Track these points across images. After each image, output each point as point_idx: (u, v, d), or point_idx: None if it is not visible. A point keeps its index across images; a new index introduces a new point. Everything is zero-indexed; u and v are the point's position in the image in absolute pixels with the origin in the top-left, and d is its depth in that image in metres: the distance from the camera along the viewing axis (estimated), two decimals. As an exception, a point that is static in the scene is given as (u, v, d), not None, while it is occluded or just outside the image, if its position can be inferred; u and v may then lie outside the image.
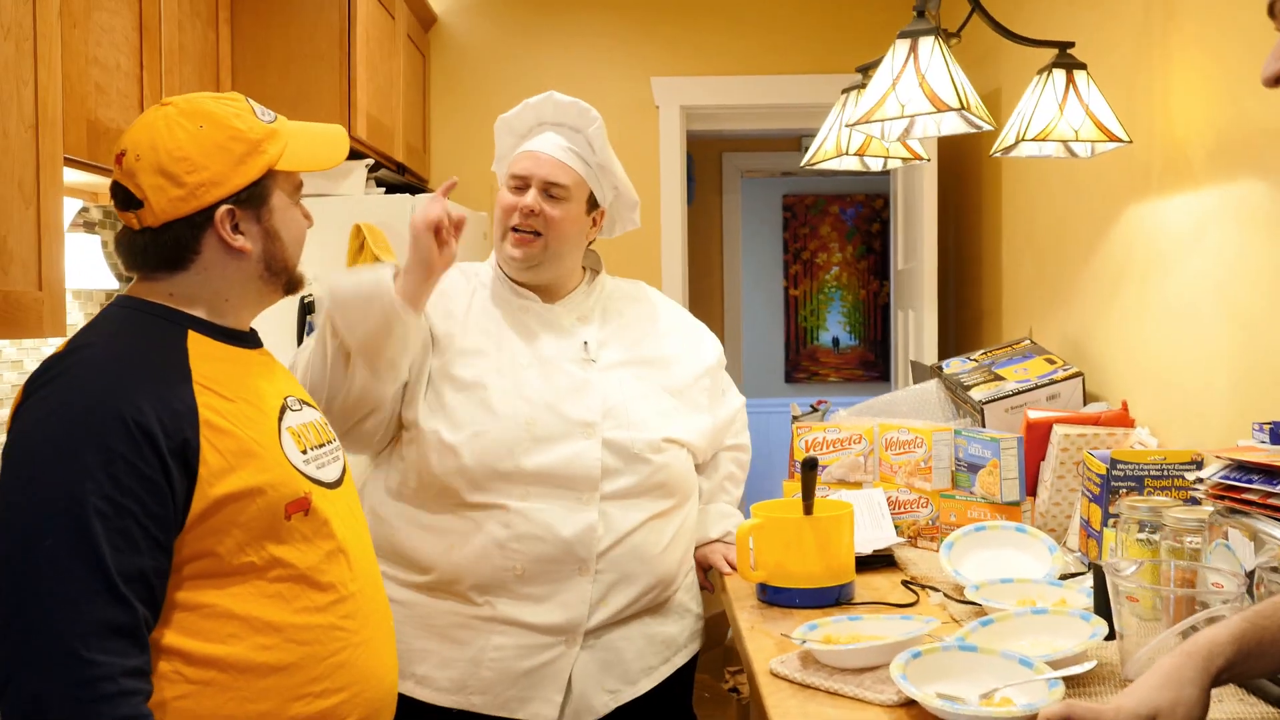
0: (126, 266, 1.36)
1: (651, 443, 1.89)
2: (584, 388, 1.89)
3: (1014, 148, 2.04)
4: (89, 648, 1.12)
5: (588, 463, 1.83)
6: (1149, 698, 1.11)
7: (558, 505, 1.81)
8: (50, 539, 1.13)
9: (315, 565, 1.29)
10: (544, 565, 1.80)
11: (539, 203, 1.90)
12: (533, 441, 1.81)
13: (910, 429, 2.26)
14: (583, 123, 1.95)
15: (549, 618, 1.81)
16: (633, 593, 1.87)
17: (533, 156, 1.92)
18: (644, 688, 1.91)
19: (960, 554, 1.93)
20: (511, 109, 1.99)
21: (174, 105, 1.32)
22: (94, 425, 1.17)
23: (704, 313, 5.56)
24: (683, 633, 2.00)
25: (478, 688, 1.80)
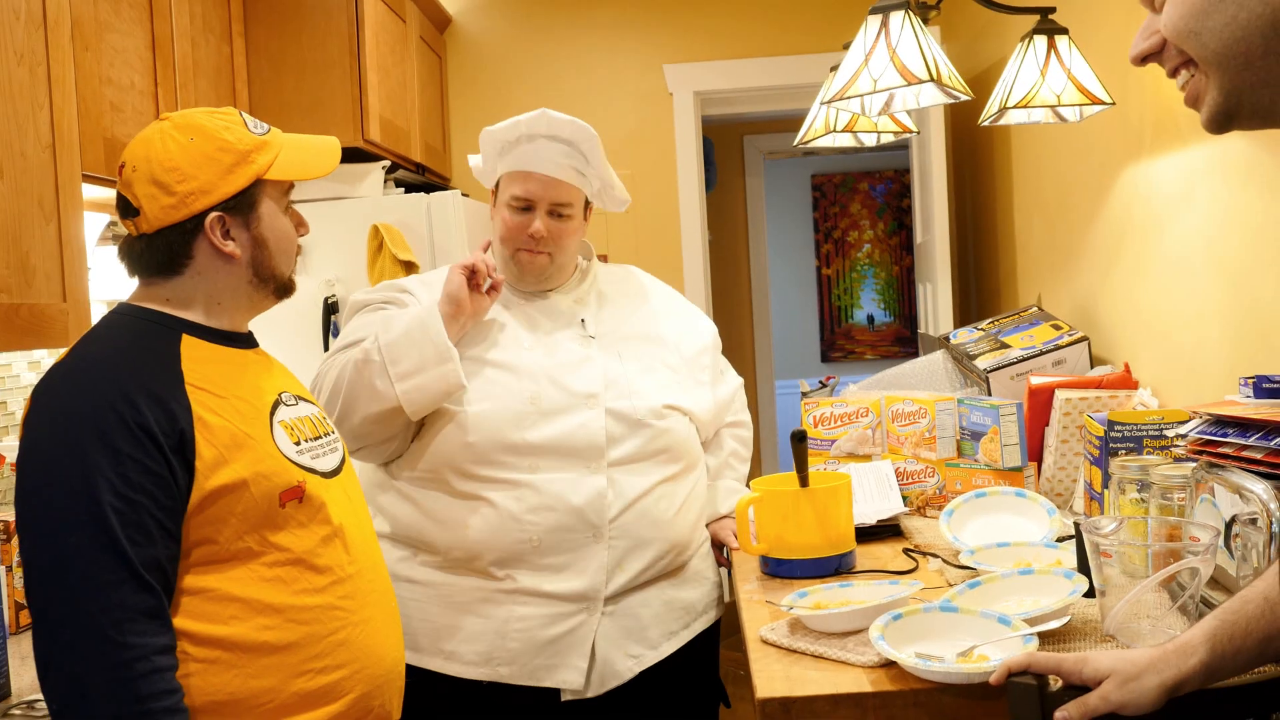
0: (129, 272, 1.43)
1: (653, 409, 1.95)
2: (584, 363, 1.94)
3: (1000, 116, 2.05)
4: (121, 631, 1.20)
5: (592, 431, 1.88)
6: (1117, 662, 1.12)
7: (566, 475, 1.86)
8: (74, 536, 1.21)
9: (312, 549, 1.36)
10: (559, 535, 1.85)
11: (547, 225, 1.95)
12: (539, 415, 1.87)
13: (915, 400, 2.27)
14: (579, 137, 1.97)
15: (569, 586, 1.86)
16: (648, 557, 1.92)
17: (535, 179, 1.94)
18: (665, 651, 1.96)
19: (960, 520, 1.94)
20: (501, 123, 1.99)
21: (169, 120, 1.40)
22: (100, 428, 1.24)
23: (732, 296, 5.61)
24: (701, 599, 2.04)
25: (504, 659, 1.85)
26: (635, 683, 1.92)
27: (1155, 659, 1.11)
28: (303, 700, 1.32)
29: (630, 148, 3.93)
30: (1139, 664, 1.11)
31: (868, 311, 7.30)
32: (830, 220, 7.31)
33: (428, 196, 3.05)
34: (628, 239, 4.03)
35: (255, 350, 1.48)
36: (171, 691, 1.23)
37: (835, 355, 7.35)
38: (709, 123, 5.02)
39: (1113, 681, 1.11)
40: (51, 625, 1.21)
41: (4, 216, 1.80)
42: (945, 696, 1.31)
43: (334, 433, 1.51)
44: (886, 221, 7.27)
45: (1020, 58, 2.02)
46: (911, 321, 7.21)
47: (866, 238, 7.28)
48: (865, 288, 7.30)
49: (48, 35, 1.94)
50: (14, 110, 1.84)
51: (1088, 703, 1.11)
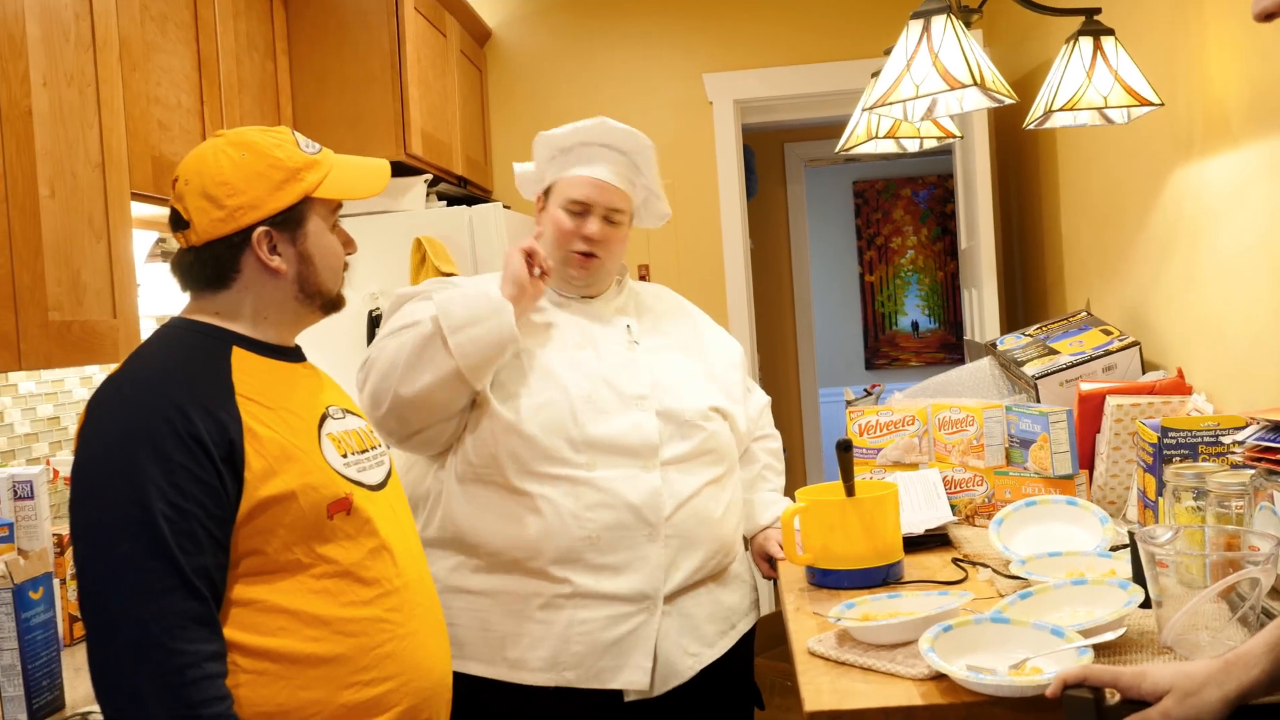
0: (180, 285, 1.46)
1: (700, 411, 1.97)
2: (632, 365, 1.97)
3: (1045, 119, 2.02)
4: (173, 638, 1.22)
5: (647, 430, 1.90)
6: (1177, 677, 1.10)
7: (622, 472, 1.87)
8: (126, 544, 1.23)
9: (359, 561, 1.36)
10: (617, 532, 1.86)
11: (603, 230, 1.97)
12: (596, 412, 1.88)
13: (961, 408, 2.25)
14: (634, 148, 2.01)
15: (628, 586, 1.86)
16: (699, 557, 1.94)
17: (594, 184, 1.97)
18: (721, 649, 1.97)
19: (1011, 530, 1.92)
20: (559, 128, 2.02)
21: (224, 137, 1.42)
22: (152, 438, 1.26)
23: (774, 304, 5.59)
24: (743, 601, 2.06)
25: (569, 663, 1.85)
26: (690, 682, 1.93)
27: (1215, 671, 1.09)
28: (350, 712, 1.33)
29: (671, 157, 3.93)
30: (1198, 678, 1.08)
31: (912, 318, 7.24)
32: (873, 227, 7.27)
33: (469, 209, 3.07)
34: (669, 248, 4.03)
35: (304, 364, 1.50)
36: (222, 698, 1.24)
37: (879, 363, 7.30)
38: (749, 131, 5.01)
39: (1173, 697, 1.08)
40: (104, 632, 1.23)
41: (55, 235, 1.83)
42: (997, 710, 1.29)
43: (380, 446, 1.52)
44: (930, 227, 7.21)
45: (1065, 59, 1.99)
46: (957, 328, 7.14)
47: (910, 244, 7.23)
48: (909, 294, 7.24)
49: (96, 56, 1.98)
50: (64, 130, 1.87)
51: (1148, 718, 1.09)
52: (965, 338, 3.83)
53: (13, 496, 1.90)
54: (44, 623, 1.61)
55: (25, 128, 1.76)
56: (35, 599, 1.61)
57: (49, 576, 1.65)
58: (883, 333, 7.30)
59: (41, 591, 1.62)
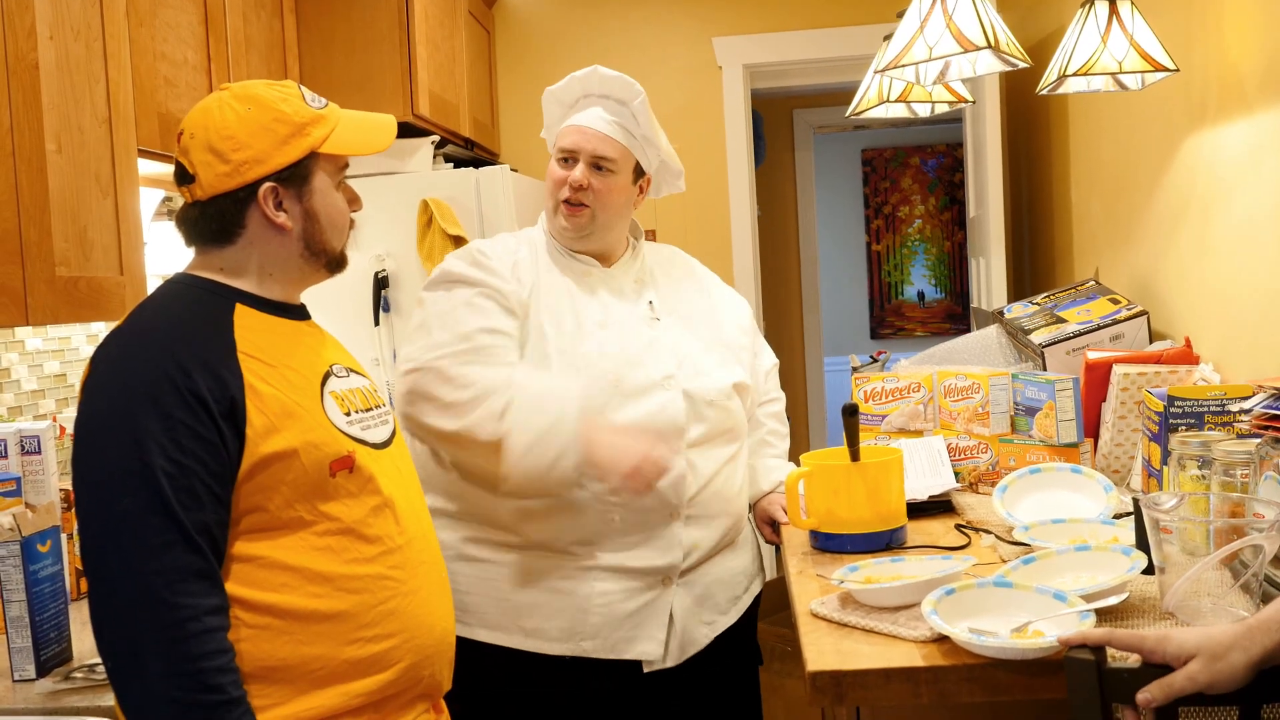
0: (185, 240, 1.44)
1: (723, 389, 1.97)
2: (655, 344, 1.95)
3: (1059, 84, 2.00)
4: (174, 591, 1.22)
5: (673, 413, 1.89)
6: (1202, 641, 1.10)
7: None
8: (126, 499, 1.23)
9: (362, 519, 1.36)
10: (640, 515, 1.87)
11: (587, 176, 1.95)
12: (622, 397, 1.87)
13: (967, 375, 2.24)
14: (627, 96, 1.98)
15: (649, 562, 1.88)
16: (718, 532, 1.95)
17: (579, 130, 1.96)
18: (734, 616, 2.00)
19: (1015, 497, 1.92)
20: (558, 82, 2.03)
21: (229, 90, 1.41)
22: (153, 394, 1.26)
23: (780, 272, 5.57)
24: (751, 563, 2.08)
25: (587, 633, 1.86)
26: (705, 650, 1.95)
27: (1239, 636, 1.09)
28: (353, 667, 1.33)
29: (679, 122, 3.90)
30: (1224, 641, 1.08)
31: (918, 288, 7.22)
32: (881, 195, 7.23)
33: (476, 171, 3.05)
34: (675, 214, 4.00)
35: (307, 322, 1.49)
36: (223, 651, 1.24)
37: (885, 332, 7.28)
38: (758, 96, 4.97)
39: (1199, 661, 1.08)
40: (105, 586, 1.23)
41: (63, 191, 1.82)
42: (999, 672, 1.29)
43: (385, 406, 1.52)
44: (938, 196, 7.17)
45: (1081, 24, 1.97)
46: (963, 298, 7.11)
47: (918, 213, 7.19)
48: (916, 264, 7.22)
49: (103, 9, 1.96)
50: (71, 85, 1.86)
51: (1173, 684, 1.08)
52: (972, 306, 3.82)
53: (20, 451, 1.90)
54: (51, 575, 1.62)
55: (31, 81, 1.74)
56: (43, 552, 1.62)
57: (56, 530, 1.66)
58: (888, 302, 7.28)
59: (49, 545, 1.63)
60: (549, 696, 1.89)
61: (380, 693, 1.35)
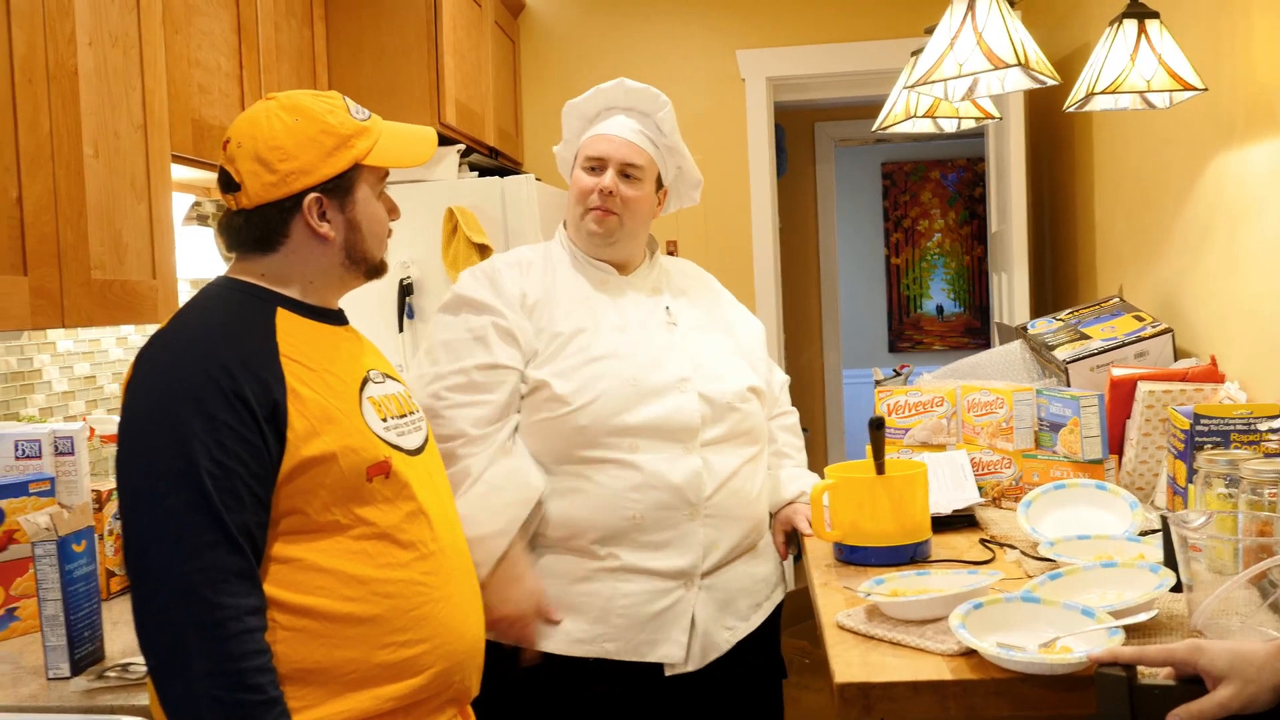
0: (227, 246, 1.47)
1: (738, 393, 1.99)
2: (673, 348, 1.99)
3: (1086, 101, 2.01)
4: (216, 591, 1.24)
5: (688, 414, 1.92)
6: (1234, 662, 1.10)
7: (665, 455, 1.90)
8: (171, 498, 1.25)
9: (397, 524, 1.38)
10: (660, 512, 1.89)
11: (616, 184, 1.98)
12: (638, 397, 1.90)
13: (991, 390, 2.25)
14: (652, 107, 2.03)
15: (670, 563, 1.89)
16: (737, 534, 1.97)
17: (608, 139, 2.00)
18: (756, 622, 2.01)
19: (1039, 512, 1.92)
20: (581, 95, 2.05)
21: (276, 100, 1.43)
22: (198, 395, 1.28)
23: (800, 285, 5.58)
24: (773, 573, 2.09)
25: (610, 635, 1.88)
26: (726, 656, 1.96)
27: (1271, 657, 1.09)
28: (385, 672, 1.35)
29: (702, 133, 3.92)
30: (1256, 663, 1.08)
31: (937, 301, 7.22)
32: (900, 209, 7.23)
33: (501, 180, 3.07)
34: (697, 225, 4.02)
35: (346, 327, 1.51)
36: (262, 651, 1.26)
37: (903, 345, 7.28)
38: (781, 109, 4.99)
39: (1232, 686, 1.08)
40: (148, 585, 1.25)
41: (99, 194, 1.85)
42: (1026, 686, 1.30)
43: (418, 412, 1.54)
44: (958, 210, 7.17)
45: (1109, 42, 1.98)
46: (981, 312, 7.11)
47: (937, 227, 7.19)
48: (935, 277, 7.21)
49: (140, 17, 1.99)
50: (109, 91, 1.89)
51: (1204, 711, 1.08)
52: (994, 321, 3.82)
53: (54, 452, 1.92)
54: (85, 575, 1.64)
55: (71, 87, 1.77)
56: (78, 552, 1.64)
57: (90, 530, 1.68)
58: (907, 315, 7.28)
59: (84, 545, 1.65)
60: (571, 698, 1.90)
61: (411, 697, 1.37)
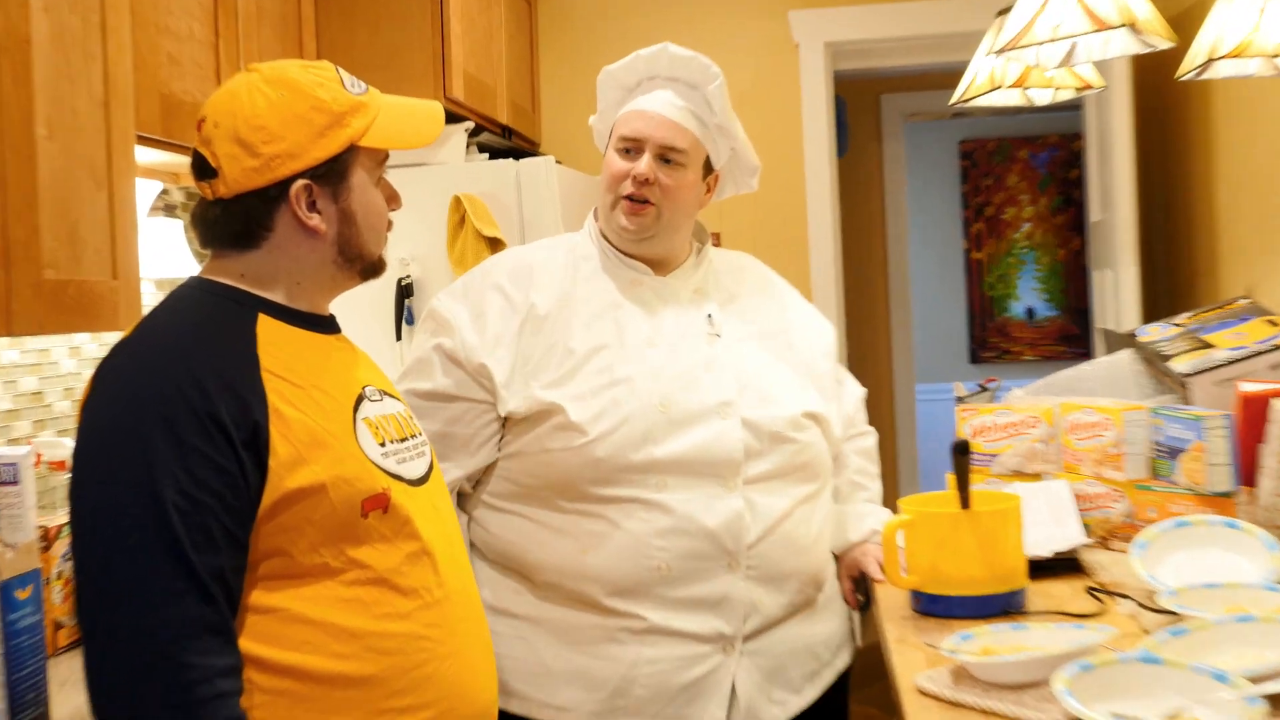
0: (201, 242, 1.47)
1: (793, 419, 1.95)
2: (714, 364, 1.95)
3: (1205, 68, 1.98)
4: (183, 649, 1.23)
5: (729, 445, 1.89)
6: None
7: (699, 494, 1.87)
8: (133, 536, 1.25)
9: (396, 568, 1.37)
10: (691, 562, 1.86)
11: (654, 170, 1.95)
12: (668, 425, 1.88)
13: (1096, 408, 2.23)
14: (702, 79, 1.99)
15: (704, 624, 1.87)
16: (789, 590, 1.94)
17: (645, 116, 1.97)
18: (810, 696, 1.97)
19: (1157, 555, 1.89)
20: (619, 60, 2.03)
21: (258, 72, 1.44)
22: (166, 416, 1.28)
23: (864, 284, 5.56)
24: (836, 633, 2.06)
25: (631, 708, 1.86)
26: None
27: None
28: (382, 742, 1.34)
29: (749, 108, 3.89)
30: None
31: (1026, 303, 7.17)
32: (982, 194, 7.20)
33: (516, 163, 3.08)
34: (745, 214, 4.01)
35: (337, 336, 1.51)
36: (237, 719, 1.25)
37: (986, 355, 7.24)
38: (841, 79, 4.96)
39: None
40: (103, 639, 1.25)
41: (53, 182, 1.86)
42: (1147, 766, 1.27)
43: (421, 435, 1.53)
44: (1050, 196, 7.12)
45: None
46: (1079, 316, 7.06)
47: (1026, 215, 7.15)
48: (1024, 275, 7.17)
49: (101, -23, 2.01)
50: (66, 61, 1.90)
51: None
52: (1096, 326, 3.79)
53: (-3, 481, 1.93)
54: (31, 626, 1.64)
55: (23, 57, 1.79)
56: (22, 599, 1.64)
57: (37, 574, 1.68)
58: (991, 320, 7.24)
59: (29, 591, 1.65)
60: None
61: (412, 772, 1.36)
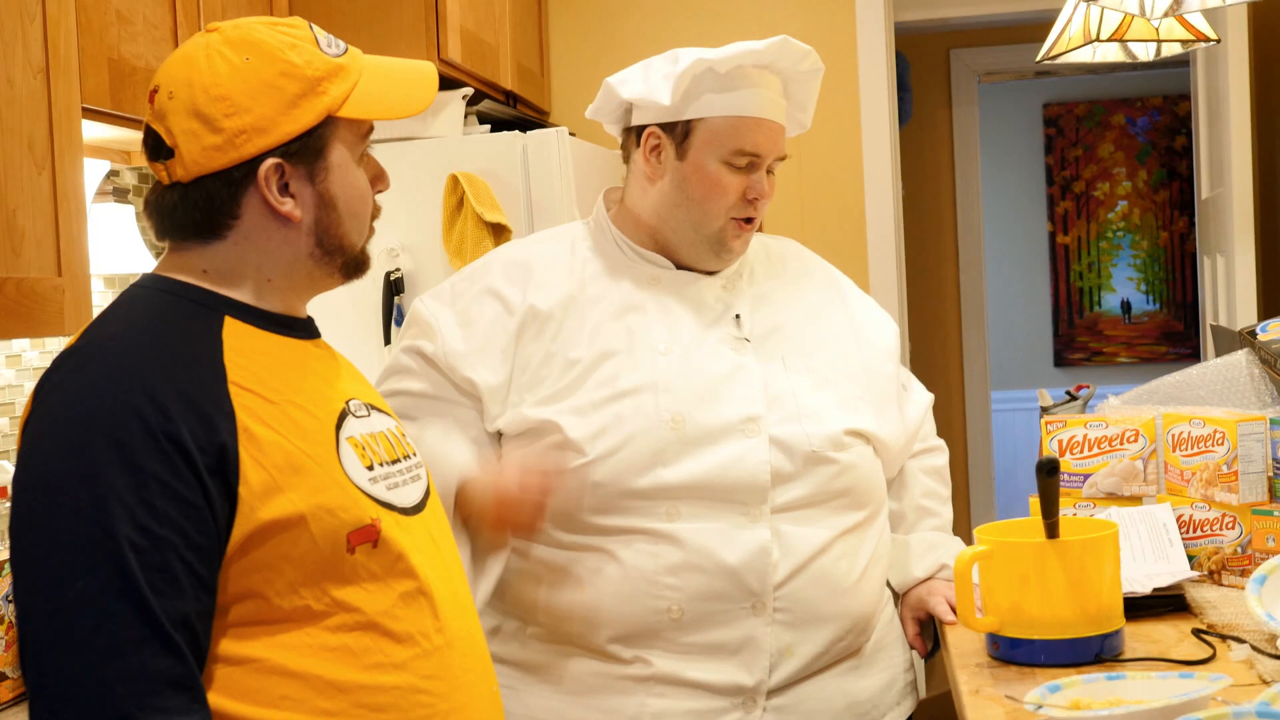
0: (156, 233, 1.49)
1: (832, 437, 1.96)
2: (740, 373, 1.96)
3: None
4: (143, 707, 1.24)
5: (753, 466, 1.90)
6: None
7: (717, 524, 1.88)
8: (82, 580, 1.26)
9: (388, 610, 1.39)
10: (707, 604, 1.87)
11: (766, 184, 2.01)
12: (681, 445, 1.89)
13: (1207, 420, 2.23)
14: (805, 71, 2.06)
15: (722, 675, 1.88)
16: (825, 637, 1.94)
17: (765, 127, 2.00)
18: None
19: (1277, 591, 1.89)
20: (720, 50, 1.97)
21: (219, 32, 1.44)
22: (118, 439, 1.29)
23: (931, 273, 5.56)
24: (887, 689, 2.06)
25: None
26: None
27: None
28: (374, 813, 1.36)
29: (795, 68, 3.91)
30: None
31: (1122, 295, 7.16)
32: (1070, 167, 7.19)
33: (523, 136, 3.09)
34: (790, 191, 4.01)
35: (316, 341, 1.53)
36: None
37: (1075, 357, 7.22)
38: (903, 32, 4.96)
39: None
40: (52, 696, 1.26)
41: (-13, 163, 1.89)
42: (1267, 840, 1.27)
43: (414, 456, 1.55)
44: (1151, 169, 7.11)
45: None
46: (1186, 311, 7.04)
47: (1122, 192, 7.14)
48: (1119, 262, 7.16)
49: (40, -76, 2.03)
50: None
51: None
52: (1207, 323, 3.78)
53: (-73, 511, 1.96)
54: (-33, 679, 1.67)
55: (-52, 19, 1.81)
56: (-43, 647, 1.66)
57: (-26, 618, 1.71)
58: (1080, 316, 7.22)
59: (-35, 637, 1.68)
60: None
61: (410, 847, 1.38)
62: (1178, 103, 6.95)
